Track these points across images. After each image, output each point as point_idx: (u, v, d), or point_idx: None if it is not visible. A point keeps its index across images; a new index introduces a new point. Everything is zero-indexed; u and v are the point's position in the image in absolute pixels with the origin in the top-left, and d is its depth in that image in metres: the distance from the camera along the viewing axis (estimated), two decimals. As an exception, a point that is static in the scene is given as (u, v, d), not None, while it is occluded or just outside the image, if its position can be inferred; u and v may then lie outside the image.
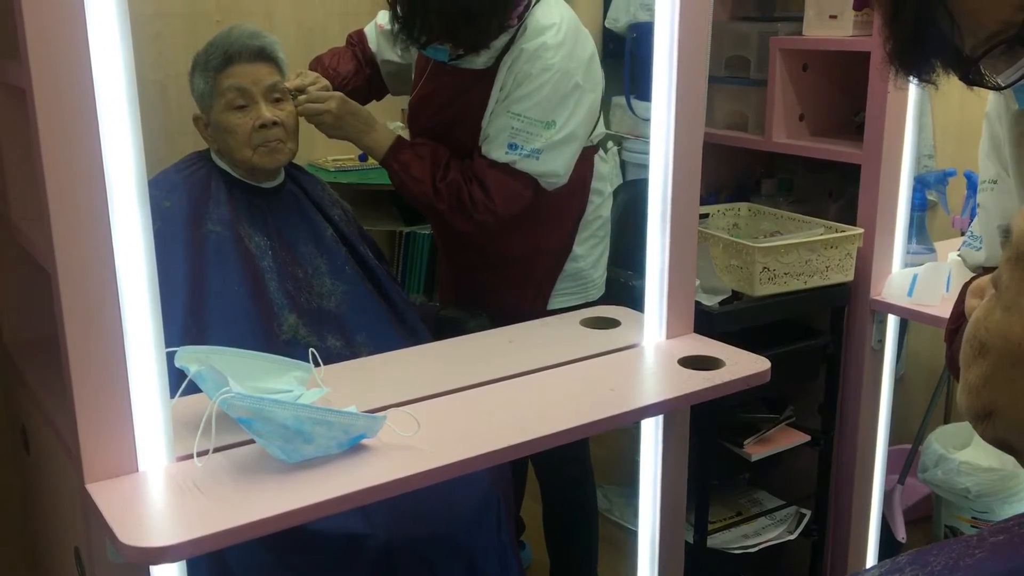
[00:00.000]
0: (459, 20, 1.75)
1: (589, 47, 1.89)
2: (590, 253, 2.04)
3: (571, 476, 2.19)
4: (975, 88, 1.02)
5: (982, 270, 1.25)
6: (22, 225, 1.53)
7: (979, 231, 1.28)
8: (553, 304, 2.02)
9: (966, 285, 1.20)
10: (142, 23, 2.55)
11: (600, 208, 2.04)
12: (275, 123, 1.76)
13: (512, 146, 1.83)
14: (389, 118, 2.27)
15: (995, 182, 1.24)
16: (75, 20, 1.09)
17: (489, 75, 1.87)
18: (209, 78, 1.75)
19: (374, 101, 2.13)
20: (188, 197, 1.74)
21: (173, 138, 2.20)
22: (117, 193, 1.15)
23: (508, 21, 1.81)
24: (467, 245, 2.05)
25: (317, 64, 2.05)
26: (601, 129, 2.01)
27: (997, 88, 1.01)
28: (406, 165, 1.88)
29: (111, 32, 1.11)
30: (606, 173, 2.07)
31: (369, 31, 2.10)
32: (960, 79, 1.01)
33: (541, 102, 1.82)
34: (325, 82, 1.88)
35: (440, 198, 1.87)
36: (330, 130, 1.86)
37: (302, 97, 1.81)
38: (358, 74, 2.07)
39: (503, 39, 1.84)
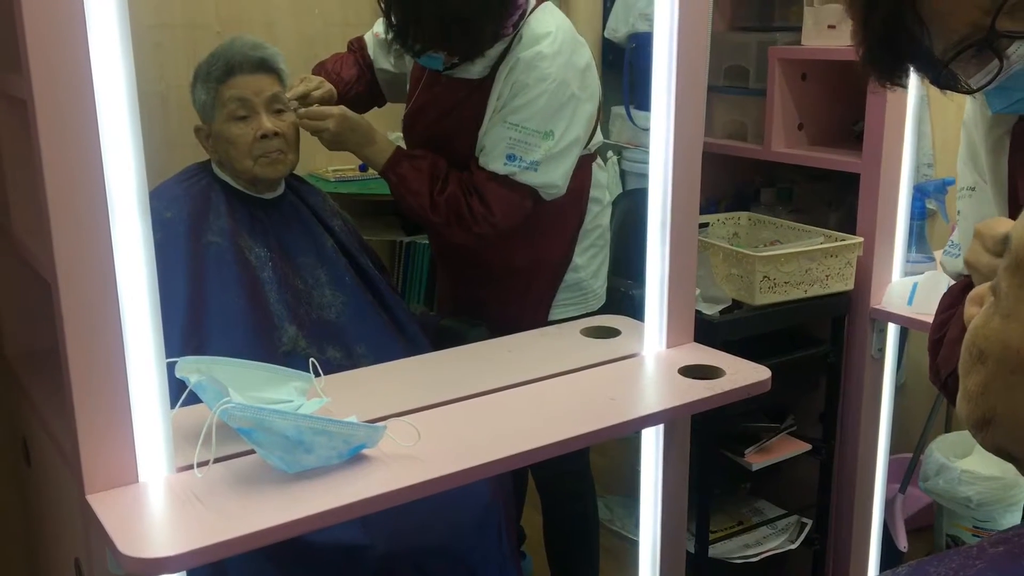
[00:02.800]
0: (453, 27, 1.74)
1: (585, 56, 1.89)
2: (590, 263, 2.03)
3: (571, 487, 2.18)
4: (947, 92, 1.02)
5: (962, 278, 1.25)
6: (23, 237, 1.53)
7: (958, 239, 1.28)
8: (554, 315, 2.01)
9: (945, 295, 1.20)
10: (143, 34, 2.55)
11: (599, 217, 2.04)
12: (276, 134, 1.76)
13: (511, 157, 1.83)
14: (392, 128, 2.26)
15: (973, 189, 1.25)
16: (76, 31, 1.09)
17: (485, 85, 1.87)
18: (211, 89, 1.76)
19: (376, 109, 2.13)
20: (189, 208, 1.74)
21: (174, 149, 2.20)
22: (118, 204, 1.15)
23: (503, 29, 1.81)
24: (466, 257, 2.05)
25: (320, 69, 2.05)
26: (599, 138, 2.01)
27: (969, 91, 1.02)
28: (404, 178, 1.87)
29: (112, 43, 1.12)
30: (604, 182, 2.07)
31: (368, 38, 2.10)
32: (932, 83, 1.02)
33: (539, 112, 1.82)
34: (329, 86, 1.88)
35: (438, 211, 1.86)
36: (330, 145, 1.87)
37: (302, 111, 1.81)
38: (360, 79, 2.07)
39: (498, 48, 1.83)
